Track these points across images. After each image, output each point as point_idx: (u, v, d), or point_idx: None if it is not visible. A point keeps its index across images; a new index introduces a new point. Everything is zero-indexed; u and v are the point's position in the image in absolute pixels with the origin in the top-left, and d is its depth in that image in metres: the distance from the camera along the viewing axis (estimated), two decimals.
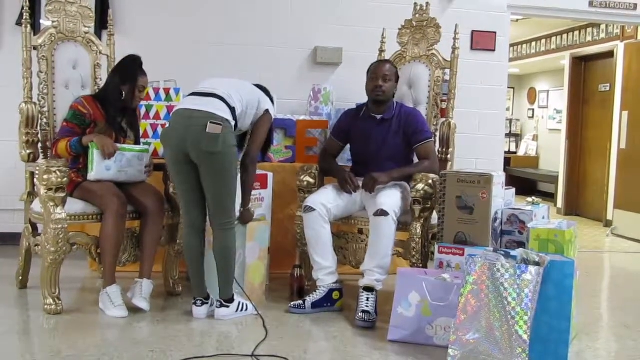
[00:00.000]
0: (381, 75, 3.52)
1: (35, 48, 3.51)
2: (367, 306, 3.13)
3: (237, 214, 3.27)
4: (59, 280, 3.16)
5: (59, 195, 3.09)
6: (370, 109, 3.63)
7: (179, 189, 3.15)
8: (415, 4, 4.07)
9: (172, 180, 3.30)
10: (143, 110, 4.02)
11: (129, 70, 3.38)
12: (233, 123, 3.05)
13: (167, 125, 3.08)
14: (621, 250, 5.98)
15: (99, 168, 3.22)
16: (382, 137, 3.56)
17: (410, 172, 3.44)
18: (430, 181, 3.30)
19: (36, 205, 3.31)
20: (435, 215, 3.33)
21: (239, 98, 3.14)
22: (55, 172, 3.06)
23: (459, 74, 3.88)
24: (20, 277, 3.56)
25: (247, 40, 4.87)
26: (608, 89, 7.56)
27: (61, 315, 3.11)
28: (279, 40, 4.92)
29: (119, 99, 3.36)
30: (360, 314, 3.10)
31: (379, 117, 3.59)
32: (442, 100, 3.94)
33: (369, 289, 3.18)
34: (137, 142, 3.52)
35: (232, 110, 3.06)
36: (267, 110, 3.27)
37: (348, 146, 3.78)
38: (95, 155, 3.21)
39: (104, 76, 3.76)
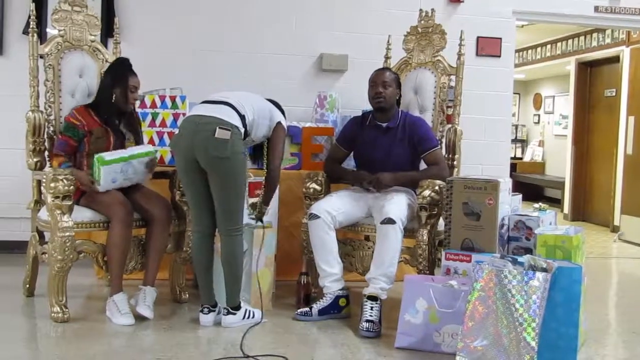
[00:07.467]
0: (380, 82, 3.54)
1: (41, 57, 3.53)
2: (371, 315, 3.10)
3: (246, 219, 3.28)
4: (66, 288, 3.16)
5: (66, 203, 3.09)
6: (375, 117, 3.64)
7: (189, 196, 3.16)
8: (421, 10, 4.07)
9: (182, 188, 3.30)
10: (149, 118, 4.02)
11: (119, 72, 3.39)
12: (242, 130, 3.07)
13: (177, 133, 3.09)
14: (628, 255, 5.96)
15: (105, 181, 3.20)
16: (387, 146, 3.56)
17: (417, 178, 3.44)
18: (436, 187, 3.30)
19: (43, 214, 3.32)
20: (441, 221, 3.32)
21: (250, 107, 3.16)
22: (62, 180, 3.06)
23: (464, 80, 3.88)
24: (27, 285, 3.57)
25: (253, 48, 4.88)
26: (614, 94, 7.54)
27: (68, 323, 3.11)
28: (285, 47, 4.92)
29: (110, 101, 3.36)
30: (364, 324, 3.08)
31: (384, 125, 3.59)
32: (447, 107, 3.93)
33: (373, 298, 3.15)
34: (138, 144, 3.51)
35: (242, 117, 3.08)
36: (279, 123, 3.31)
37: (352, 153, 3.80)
38: (102, 170, 3.18)
39: None
